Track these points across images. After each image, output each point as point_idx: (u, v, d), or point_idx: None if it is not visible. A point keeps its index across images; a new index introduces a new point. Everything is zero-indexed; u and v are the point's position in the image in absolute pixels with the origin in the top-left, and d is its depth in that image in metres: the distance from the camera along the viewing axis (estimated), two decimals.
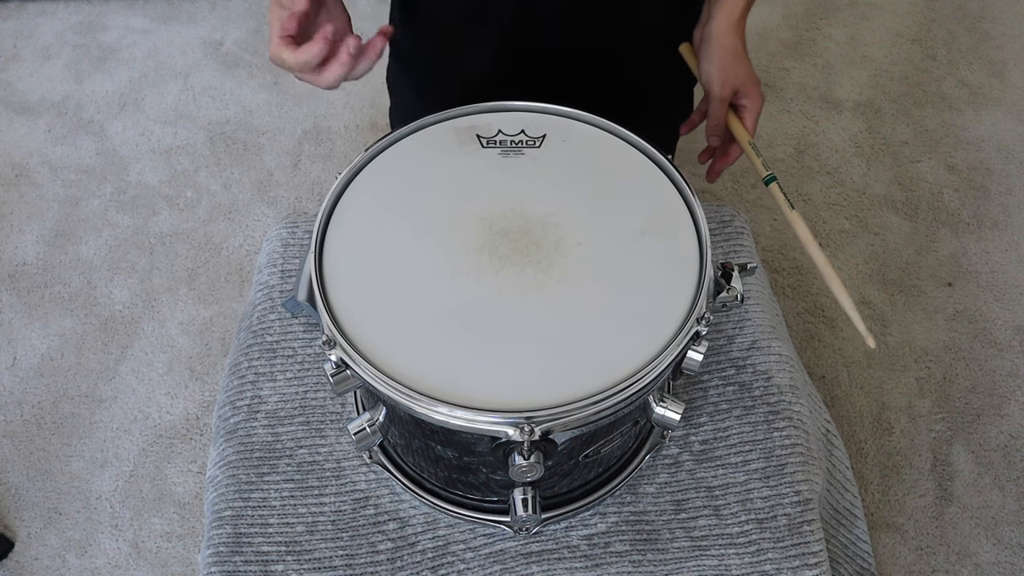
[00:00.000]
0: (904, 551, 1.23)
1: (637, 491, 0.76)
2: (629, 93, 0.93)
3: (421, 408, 0.57)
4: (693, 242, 0.65)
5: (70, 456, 1.33)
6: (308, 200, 1.62)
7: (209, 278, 1.51)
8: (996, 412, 1.35)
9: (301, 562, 0.73)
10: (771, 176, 0.77)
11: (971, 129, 1.72)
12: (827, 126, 1.72)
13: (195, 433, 1.34)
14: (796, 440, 0.78)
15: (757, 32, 1.87)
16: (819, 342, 1.42)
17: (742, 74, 0.80)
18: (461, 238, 0.65)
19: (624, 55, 0.91)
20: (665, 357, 0.58)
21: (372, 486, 0.77)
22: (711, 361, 0.82)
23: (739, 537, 0.73)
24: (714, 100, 0.81)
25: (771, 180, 0.77)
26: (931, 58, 1.84)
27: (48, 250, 1.55)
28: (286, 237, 0.90)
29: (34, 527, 1.27)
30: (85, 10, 1.94)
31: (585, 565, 0.72)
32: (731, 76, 0.79)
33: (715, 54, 0.80)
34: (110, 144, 1.71)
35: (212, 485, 0.79)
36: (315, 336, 0.84)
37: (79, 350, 1.43)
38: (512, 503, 0.65)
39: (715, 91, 0.80)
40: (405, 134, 0.72)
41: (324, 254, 0.65)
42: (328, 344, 0.59)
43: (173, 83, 1.81)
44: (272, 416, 0.80)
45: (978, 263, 1.52)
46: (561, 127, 0.73)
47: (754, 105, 0.81)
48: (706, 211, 0.67)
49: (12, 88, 1.80)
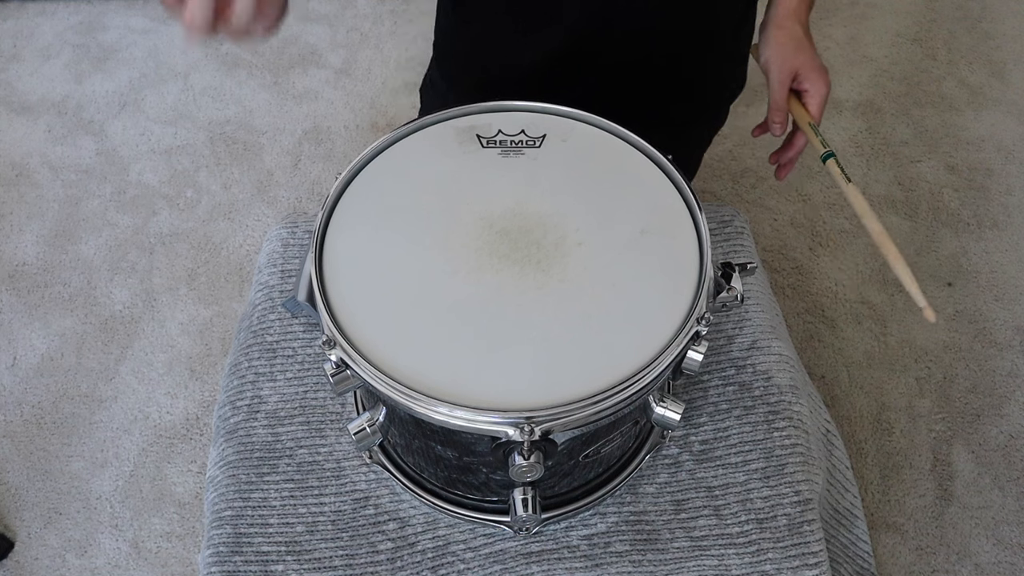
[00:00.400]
0: (904, 551, 1.23)
1: (637, 491, 0.76)
2: (671, 94, 0.93)
3: (421, 408, 0.57)
4: (693, 242, 0.65)
5: (70, 456, 1.33)
6: (308, 200, 1.62)
7: (209, 278, 1.51)
8: (996, 412, 1.35)
9: (301, 562, 0.73)
10: (829, 152, 0.77)
11: (971, 129, 1.72)
12: (827, 126, 1.71)
13: (195, 433, 1.34)
14: (796, 440, 0.77)
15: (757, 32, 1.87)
16: (819, 342, 1.42)
17: (802, 59, 0.80)
18: (461, 238, 0.65)
19: (681, 54, 0.90)
20: (665, 357, 0.58)
21: (372, 486, 0.77)
22: (711, 361, 0.82)
23: (739, 537, 0.73)
24: (773, 84, 0.81)
25: (829, 156, 0.77)
26: (931, 58, 1.84)
27: (48, 250, 1.55)
28: (286, 237, 0.90)
29: (34, 527, 1.27)
30: (85, 10, 1.94)
31: (585, 565, 0.72)
32: (789, 61, 0.80)
33: (772, 39, 0.82)
34: (110, 144, 1.71)
35: (212, 485, 0.79)
36: (315, 336, 0.84)
37: (79, 350, 1.43)
38: (512, 503, 0.65)
39: (773, 75, 0.81)
40: (405, 134, 0.72)
41: (324, 254, 0.65)
42: (328, 344, 0.59)
43: (173, 83, 1.81)
44: (272, 416, 0.80)
45: (978, 263, 1.52)
46: (561, 127, 0.73)
47: (817, 90, 0.81)
48: (706, 211, 0.67)
49: (12, 88, 1.80)
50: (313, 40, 1.85)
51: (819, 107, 0.81)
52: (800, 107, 0.82)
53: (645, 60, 0.89)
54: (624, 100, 0.80)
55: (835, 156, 0.78)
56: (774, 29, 0.83)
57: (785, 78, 0.81)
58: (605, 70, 0.88)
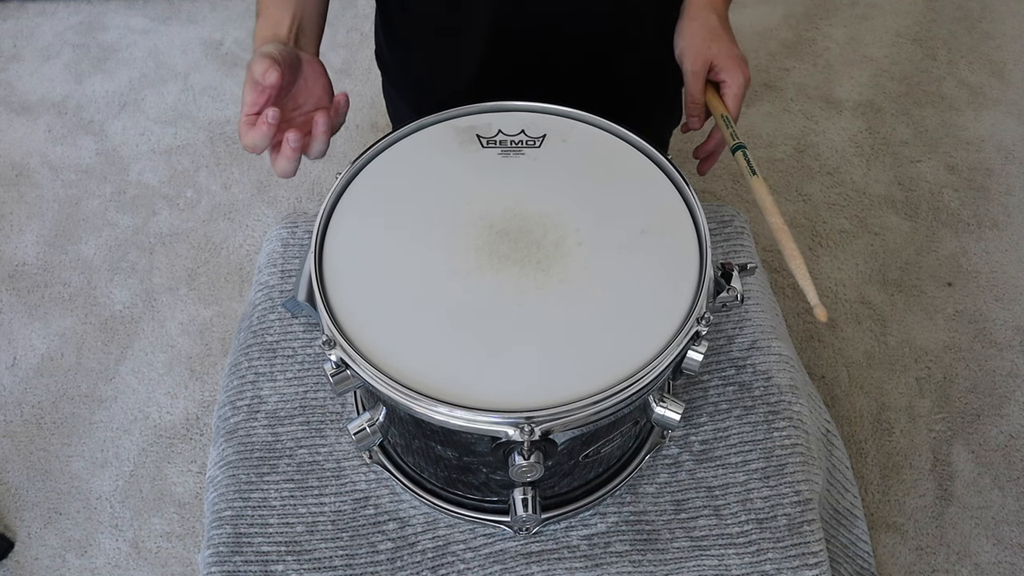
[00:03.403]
0: (904, 551, 1.23)
1: (637, 491, 0.76)
2: (617, 93, 0.92)
3: (421, 408, 0.57)
4: (693, 242, 0.65)
5: (70, 456, 1.33)
6: (308, 200, 1.62)
7: (209, 278, 1.51)
8: (996, 412, 1.35)
9: (301, 562, 0.73)
10: (739, 144, 0.73)
11: (971, 129, 1.72)
12: (827, 126, 1.72)
13: (195, 433, 1.34)
14: (796, 440, 0.77)
15: (757, 32, 1.87)
16: (819, 342, 1.42)
17: (716, 49, 0.77)
18: (461, 238, 0.65)
19: (611, 55, 0.91)
20: (665, 357, 0.58)
21: (372, 486, 0.77)
22: (711, 361, 0.82)
23: (739, 537, 0.73)
24: (687, 76, 0.78)
25: (738, 148, 0.73)
26: (931, 58, 1.84)
27: (48, 250, 1.55)
28: (286, 237, 0.90)
29: (34, 527, 1.27)
30: (85, 10, 1.94)
31: (585, 565, 0.72)
32: (702, 52, 0.77)
33: (686, 30, 0.79)
34: (110, 144, 1.71)
35: (212, 485, 0.79)
36: (315, 336, 0.84)
37: (79, 350, 1.43)
38: (512, 503, 0.65)
39: (687, 66, 0.78)
40: (405, 134, 0.72)
41: (324, 254, 0.65)
42: (328, 344, 0.59)
43: (173, 83, 1.81)
44: (272, 416, 0.80)
45: (978, 263, 1.52)
46: (561, 127, 0.73)
47: (734, 80, 0.77)
48: (706, 211, 0.67)
49: (12, 88, 1.80)
50: None
51: (736, 99, 0.77)
52: (717, 99, 0.78)
53: (581, 61, 0.88)
54: (571, 103, 0.78)
55: (744, 149, 0.73)
56: (687, 20, 0.79)
57: (699, 69, 0.77)
58: (542, 74, 0.87)
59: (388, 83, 1.06)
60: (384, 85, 1.08)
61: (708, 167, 0.85)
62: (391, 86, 1.06)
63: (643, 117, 0.91)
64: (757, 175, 0.70)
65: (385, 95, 1.10)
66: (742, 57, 0.78)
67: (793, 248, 0.63)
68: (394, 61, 1.00)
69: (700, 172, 0.85)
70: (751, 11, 1.91)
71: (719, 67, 0.77)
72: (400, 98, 1.05)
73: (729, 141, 0.74)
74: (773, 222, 0.66)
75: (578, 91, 0.80)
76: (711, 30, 0.78)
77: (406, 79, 1.02)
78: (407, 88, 1.03)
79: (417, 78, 0.99)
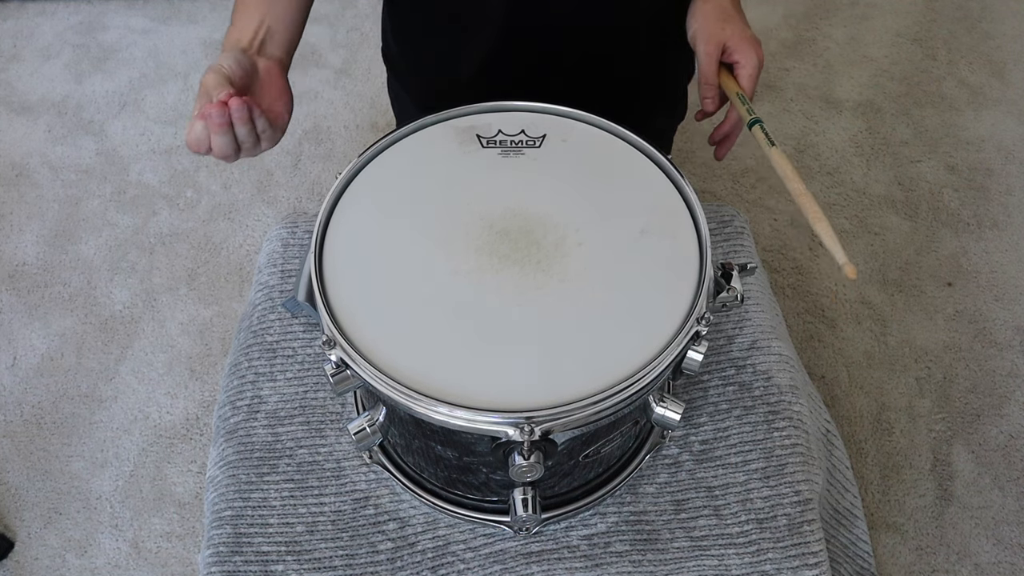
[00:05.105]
0: (904, 551, 1.23)
1: (637, 491, 0.76)
2: (621, 89, 0.92)
3: (421, 408, 0.57)
4: (693, 242, 0.65)
5: (70, 456, 1.33)
6: (308, 200, 1.62)
7: (209, 278, 1.51)
8: (996, 412, 1.35)
9: (301, 562, 0.73)
10: (755, 119, 0.73)
11: (971, 129, 1.72)
12: (827, 126, 1.72)
13: (195, 433, 1.34)
14: (796, 440, 0.78)
15: (757, 32, 1.86)
16: (819, 342, 1.42)
17: (729, 31, 0.77)
18: (461, 238, 0.65)
19: (613, 53, 0.91)
20: (665, 357, 0.58)
21: (372, 486, 0.77)
22: (711, 361, 0.82)
23: (739, 537, 0.73)
24: (700, 57, 0.79)
25: (754, 123, 0.73)
26: (931, 58, 1.84)
27: (48, 250, 1.55)
28: (286, 237, 0.90)
29: (34, 527, 1.27)
30: (85, 10, 1.94)
31: (585, 565, 0.72)
32: (716, 33, 0.77)
33: (698, 12, 0.79)
34: (110, 144, 1.71)
35: (212, 485, 0.79)
36: (315, 336, 0.84)
37: (79, 350, 1.43)
38: (512, 503, 0.65)
39: (700, 48, 0.78)
40: (405, 134, 0.72)
41: (324, 254, 0.65)
42: (328, 344, 0.59)
43: (173, 83, 1.81)
44: (272, 416, 0.80)
45: (978, 263, 1.52)
46: (561, 127, 0.73)
47: (748, 61, 0.77)
48: (706, 211, 0.67)
49: (12, 88, 1.80)
50: (313, 40, 1.85)
51: (751, 79, 0.77)
52: (731, 80, 0.78)
53: (582, 59, 0.88)
54: (574, 102, 0.78)
55: (761, 123, 0.73)
56: (700, 2, 0.80)
57: (712, 50, 0.77)
58: (546, 72, 0.88)
59: (393, 78, 1.07)
60: (389, 80, 1.09)
61: (725, 151, 0.84)
62: (396, 80, 1.06)
63: (643, 117, 0.91)
64: (775, 146, 0.70)
65: (390, 91, 1.11)
66: (755, 38, 0.78)
67: (817, 211, 0.64)
68: (400, 55, 1.00)
69: (717, 157, 0.85)
70: (751, 11, 1.89)
71: (732, 48, 0.77)
72: (403, 90, 1.05)
73: (745, 117, 0.75)
74: (794, 188, 0.67)
75: (578, 91, 0.80)
76: (724, 12, 0.78)
77: (411, 73, 1.02)
78: (411, 81, 1.03)
79: (422, 70, 0.99)
